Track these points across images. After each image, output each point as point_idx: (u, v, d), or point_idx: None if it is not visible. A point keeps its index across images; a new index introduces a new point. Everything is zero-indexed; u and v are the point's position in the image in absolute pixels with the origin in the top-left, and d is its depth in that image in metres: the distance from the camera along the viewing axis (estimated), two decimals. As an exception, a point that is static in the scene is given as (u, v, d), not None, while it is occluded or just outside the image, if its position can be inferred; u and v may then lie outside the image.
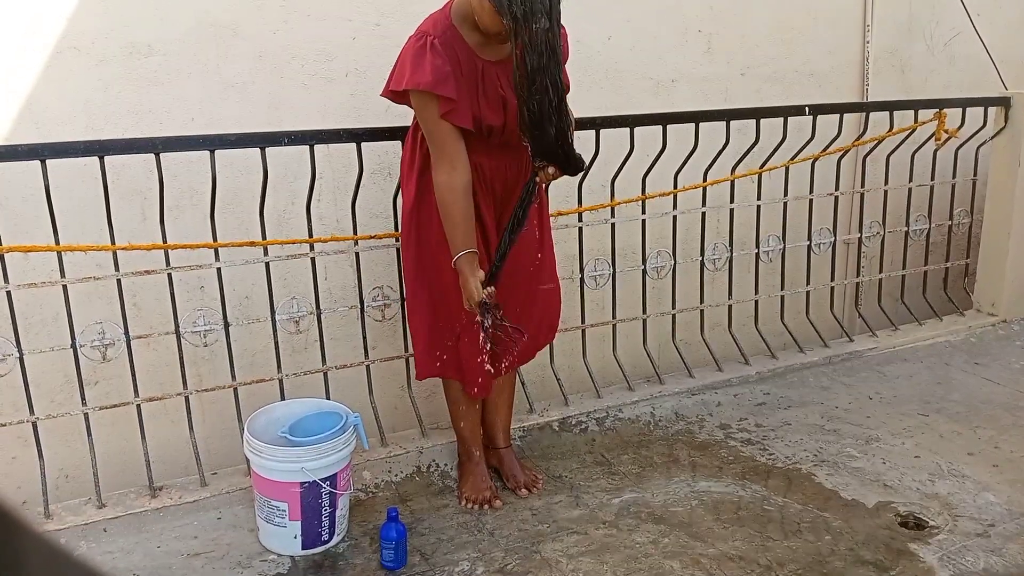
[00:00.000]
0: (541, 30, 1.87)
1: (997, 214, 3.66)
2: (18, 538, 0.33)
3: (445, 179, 2.06)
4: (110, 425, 2.58)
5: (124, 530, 2.22)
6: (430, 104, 2.01)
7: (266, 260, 2.47)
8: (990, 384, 3.12)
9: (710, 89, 3.48)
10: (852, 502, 2.34)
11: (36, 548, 0.34)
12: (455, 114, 2.02)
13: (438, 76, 1.98)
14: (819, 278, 3.47)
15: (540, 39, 1.87)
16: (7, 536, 0.33)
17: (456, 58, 2.02)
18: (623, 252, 3.07)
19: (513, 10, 1.86)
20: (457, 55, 2.02)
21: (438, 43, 2.00)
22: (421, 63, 1.99)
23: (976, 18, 3.87)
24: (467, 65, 2.04)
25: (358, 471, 2.45)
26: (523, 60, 1.90)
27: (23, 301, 2.37)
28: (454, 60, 2.01)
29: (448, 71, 1.99)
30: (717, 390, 3.08)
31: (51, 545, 0.35)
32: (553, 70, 1.91)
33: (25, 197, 2.41)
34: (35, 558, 0.33)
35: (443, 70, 1.98)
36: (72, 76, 2.48)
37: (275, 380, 2.54)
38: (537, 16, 1.86)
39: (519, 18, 1.86)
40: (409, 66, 2.01)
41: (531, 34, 1.87)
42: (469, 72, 2.04)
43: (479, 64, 2.05)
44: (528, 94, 1.93)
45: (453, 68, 2.00)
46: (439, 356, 2.29)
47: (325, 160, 2.74)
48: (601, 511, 2.32)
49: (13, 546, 0.33)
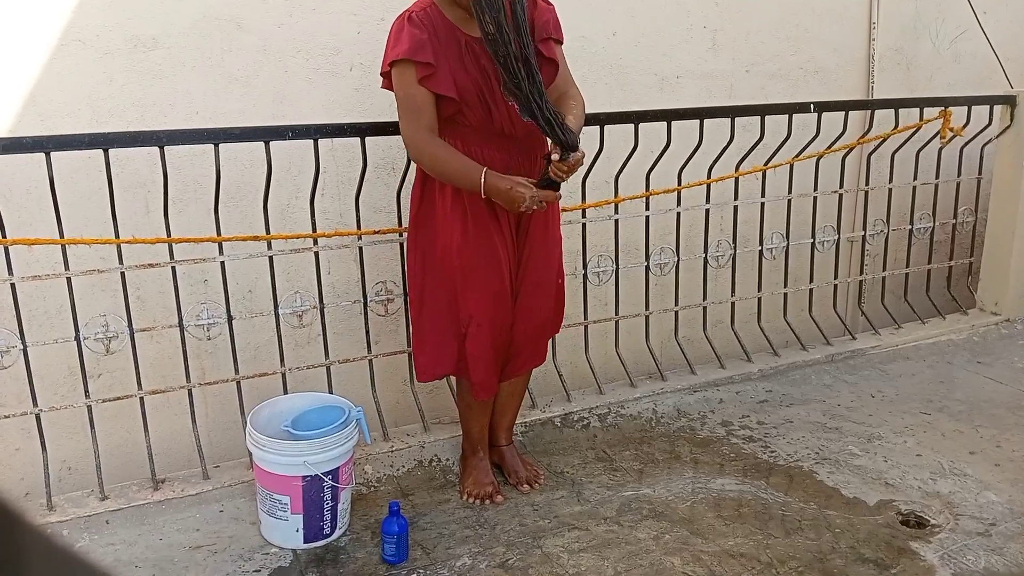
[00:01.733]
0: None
1: (1001, 213, 3.66)
2: (19, 533, 0.33)
3: (411, 131, 2.06)
4: (113, 417, 2.59)
5: (126, 522, 2.23)
6: (407, 72, 2.04)
7: (270, 254, 2.47)
8: (993, 383, 3.12)
9: (715, 86, 3.47)
10: (853, 500, 2.34)
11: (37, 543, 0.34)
12: (433, 79, 2.03)
13: (414, 44, 2.01)
14: (822, 276, 3.46)
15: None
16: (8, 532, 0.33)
17: (433, 28, 2.04)
18: (626, 248, 3.07)
19: None
20: (435, 25, 2.05)
21: (416, 16, 2.04)
22: (399, 38, 2.04)
23: (982, 16, 3.85)
24: (447, 37, 2.05)
25: (360, 465, 2.46)
26: (480, 19, 1.91)
27: (27, 293, 2.38)
28: (431, 30, 2.04)
29: (424, 38, 2.02)
30: (719, 387, 3.08)
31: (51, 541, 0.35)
32: (516, 32, 1.92)
33: (29, 190, 2.42)
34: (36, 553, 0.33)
35: (419, 38, 2.01)
36: (76, 69, 2.48)
37: (278, 374, 2.54)
38: None
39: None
40: (389, 44, 2.06)
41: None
42: (449, 43, 2.05)
43: (461, 38, 2.07)
44: (494, 51, 1.93)
45: (430, 36, 2.03)
46: (443, 360, 2.28)
47: (329, 154, 2.74)
48: (602, 507, 2.32)
49: (14, 541, 0.33)
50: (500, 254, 2.18)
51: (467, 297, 2.19)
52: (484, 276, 2.17)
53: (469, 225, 2.14)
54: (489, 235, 2.15)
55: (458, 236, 2.14)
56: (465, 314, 2.20)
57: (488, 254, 2.16)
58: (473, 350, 2.23)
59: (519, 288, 2.26)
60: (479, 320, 2.20)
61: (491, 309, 2.20)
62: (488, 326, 2.20)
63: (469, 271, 2.17)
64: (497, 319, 2.22)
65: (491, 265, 2.17)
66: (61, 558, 0.35)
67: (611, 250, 2.97)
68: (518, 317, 2.27)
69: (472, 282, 2.17)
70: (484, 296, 2.18)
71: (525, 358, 2.35)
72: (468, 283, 2.18)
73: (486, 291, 2.18)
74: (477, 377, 2.26)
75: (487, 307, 2.19)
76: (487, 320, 2.20)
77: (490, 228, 2.15)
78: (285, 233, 2.54)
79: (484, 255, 2.16)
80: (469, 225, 2.14)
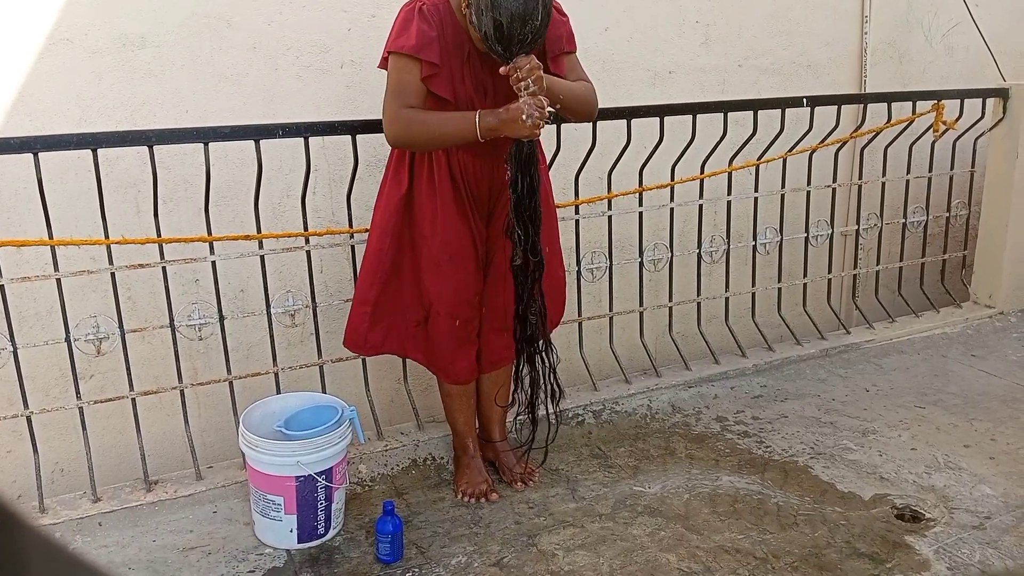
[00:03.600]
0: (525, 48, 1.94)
1: (995, 206, 3.66)
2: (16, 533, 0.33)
3: (394, 109, 2.04)
4: (105, 419, 2.57)
5: (119, 524, 2.22)
6: (411, 67, 2.01)
7: (261, 253, 2.46)
8: (987, 376, 3.12)
9: (707, 80, 3.47)
10: (848, 494, 2.34)
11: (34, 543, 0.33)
12: (435, 80, 2.02)
13: (422, 40, 1.99)
14: (816, 270, 3.46)
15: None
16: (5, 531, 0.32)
17: (442, 27, 2.02)
18: (620, 244, 3.06)
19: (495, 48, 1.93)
20: (443, 24, 2.03)
21: (426, 9, 2.01)
22: (408, 28, 2.01)
23: (974, 9, 3.86)
24: (453, 39, 2.04)
25: (354, 464, 2.45)
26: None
27: (16, 295, 2.36)
28: (439, 28, 2.02)
29: (433, 36, 2.00)
30: (714, 382, 3.08)
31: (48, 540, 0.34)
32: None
33: (17, 191, 2.40)
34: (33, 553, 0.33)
35: (428, 35, 1.99)
36: (65, 68, 2.46)
37: (271, 374, 2.53)
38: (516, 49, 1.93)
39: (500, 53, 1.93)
40: (395, 31, 2.03)
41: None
42: (455, 46, 2.04)
43: (466, 46, 2.05)
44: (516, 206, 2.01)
45: (439, 35, 2.01)
46: (392, 339, 2.28)
47: (320, 152, 2.72)
48: (597, 504, 2.32)
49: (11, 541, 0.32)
50: (467, 243, 2.18)
51: (429, 283, 2.20)
52: (450, 267, 2.18)
53: (439, 213, 2.15)
54: (457, 225, 2.16)
55: (427, 223, 2.16)
56: (427, 299, 2.22)
57: (455, 243, 2.17)
58: (434, 335, 2.25)
59: (487, 279, 2.26)
60: (437, 308, 2.21)
61: (450, 301, 2.20)
62: (445, 316, 2.21)
63: (433, 259, 2.18)
64: (456, 311, 2.22)
65: (456, 257, 2.18)
66: (60, 558, 0.35)
67: (604, 246, 2.96)
68: (485, 308, 2.27)
69: (436, 270, 2.19)
70: (445, 287, 2.20)
71: (496, 353, 2.33)
72: (430, 270, 2.19)
73: (448, 282, 2.19)
74: (441, 362, 2.28)
75: (447, 298, 2.20)
76: (444, 310, 2.21)
77: (458, 218, 2.16)
78: (277, 232, 2.53)
79: (451, 245, 2.17)
80: (439, 213, 2.15)
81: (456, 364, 2.28)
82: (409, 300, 2.25)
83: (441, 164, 2.14)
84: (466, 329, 2.26)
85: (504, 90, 2.03)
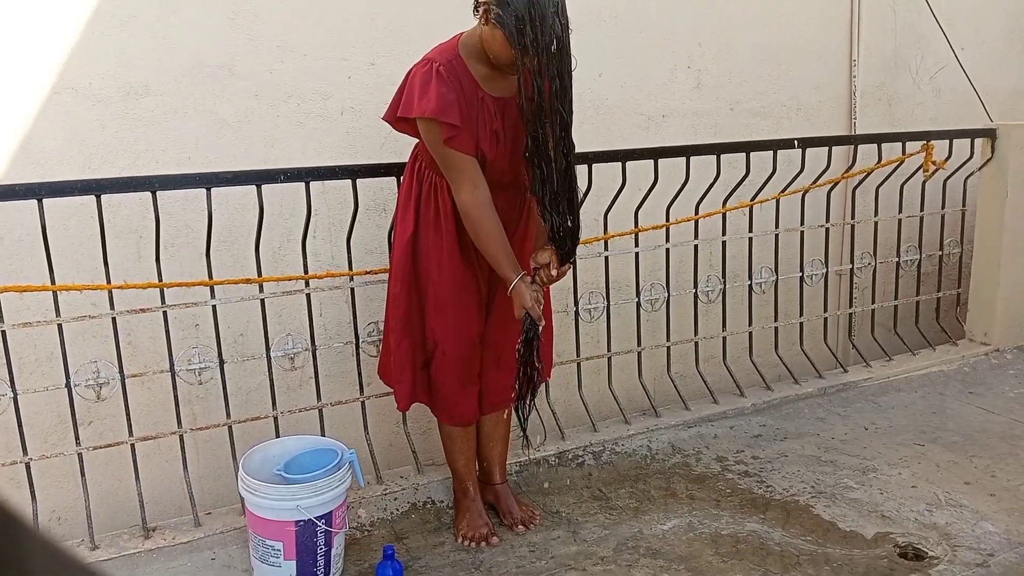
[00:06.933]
0: (553, 58, 1.92)
1: (987, 244, 3.70)
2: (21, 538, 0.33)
3: (469, 198, 2.07)
4: (103, 465, 2.56)
5: (117, 572, 2.19)
6: (434, 130, 2.04)
7: (261, 297, 2.47)
8: (985, 413, 3.13)
9: (700, 124, 3.52)
10: (851, 533, 2.33)
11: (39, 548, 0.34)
12: (458, 140, 2.04)
13: (442, 103, 2.00)
14: (812, 309, 3.48)
15: (551, 67, 1.92)
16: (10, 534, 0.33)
17: (460, 86, 2.05)
18: (617, 285, 3.08)
19: (524, 40, 1.90)
20: (461, 83, 2.05)
21: (443, 70, 2.03)
22: (427, 91, 2.02)
23: (960, 52, 3.94)
24: (470, 95, 2.07)
25: (354, 509, 2.43)
26: (530, 87, 1.94)
27: (17, 341, 2.36)
28: (457, 88, 2.04)
29: (452, 99, 2.02)
30: (713, 422, 3.07)
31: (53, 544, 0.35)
32: (562, 98, 1.96)
33: (21, 237, 2.42)
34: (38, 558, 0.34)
35: (447, 97, 2.01)
36: (70, 116, 2.50)
37: (270, 417, 2.53)
38: (548, 42, 1.90)
39: (529, 47, 1.90)
40: (416, 94, 2.04)
41: (541, 62, 1.92)
42: (471, 101, 2.07)
43: (480, 95, 2.08)
44: (536, 121, 1.96)
45: (457, 96, 2.03)
46: (419, 388, 2.31)
47: (320, 197, 2.75)
48: (599, 546, 2.30)
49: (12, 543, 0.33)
50: (471, 283, 2.21)
51: (435, 324, 2.22)
52: (453, 309, 2.21)
53: (444, 253, 2.17)
54: (461, 264, 2.19)
55: (434, 265, 2.19)
56: (432, 340, 2.24)
57: (460, 283, 2.20)
58: (438, 376, 2.26)
59: (488, 322, 2.28)
60: (443, 348, 2.23)
61: (454, 341, 2.22)
62: (452, 356, 2.24)
63: (439, 299, 2.20)
64: (459, 350, 2.23)
65: (460, 299, 2.20)
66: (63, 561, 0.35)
67: (602, 287, 2.99)
68: (484, 351, 2.29)
69: (443, 310, 2.21)
70: (449, 328, 2.22)
71: (497, 393, 2.33)
72: (438, 310, 2.21)
73: (452, 323, 2.21)
74: (444, 403, 2.29)
75: (451, 339, 2.22)
76: (451, 350, 2.23)
77: (462, 258, 2.19)
78: (277, 275, 2.55)
79: (457, 284, 2.19)
80: (444, 253, 2.17)
81: (459, 405, 2.29)
82: (417, 343, 2.27)
83: (447, 206, 2.16)
84: (469, 368, 2.27)
85: (512, 133, 2.09)
